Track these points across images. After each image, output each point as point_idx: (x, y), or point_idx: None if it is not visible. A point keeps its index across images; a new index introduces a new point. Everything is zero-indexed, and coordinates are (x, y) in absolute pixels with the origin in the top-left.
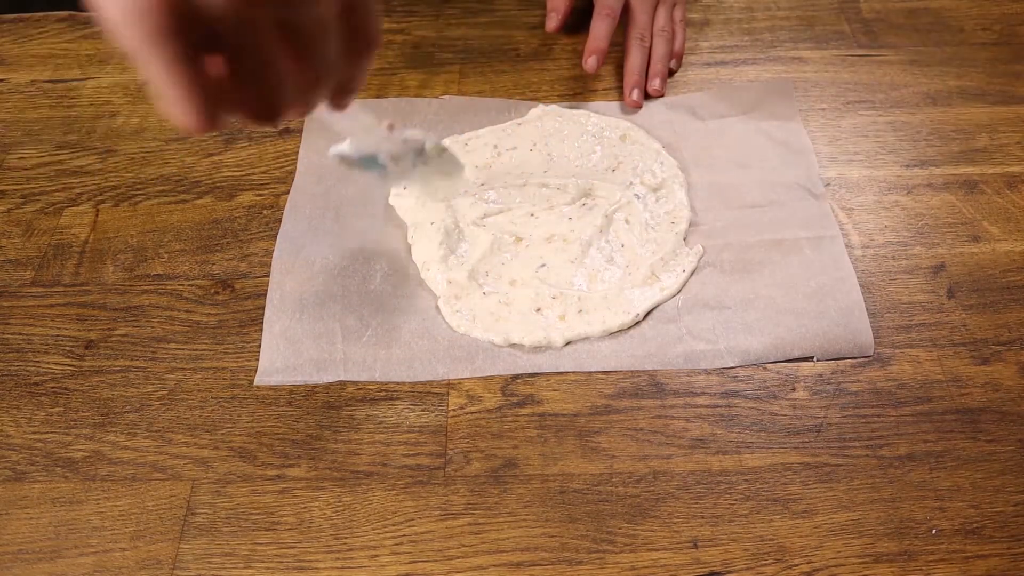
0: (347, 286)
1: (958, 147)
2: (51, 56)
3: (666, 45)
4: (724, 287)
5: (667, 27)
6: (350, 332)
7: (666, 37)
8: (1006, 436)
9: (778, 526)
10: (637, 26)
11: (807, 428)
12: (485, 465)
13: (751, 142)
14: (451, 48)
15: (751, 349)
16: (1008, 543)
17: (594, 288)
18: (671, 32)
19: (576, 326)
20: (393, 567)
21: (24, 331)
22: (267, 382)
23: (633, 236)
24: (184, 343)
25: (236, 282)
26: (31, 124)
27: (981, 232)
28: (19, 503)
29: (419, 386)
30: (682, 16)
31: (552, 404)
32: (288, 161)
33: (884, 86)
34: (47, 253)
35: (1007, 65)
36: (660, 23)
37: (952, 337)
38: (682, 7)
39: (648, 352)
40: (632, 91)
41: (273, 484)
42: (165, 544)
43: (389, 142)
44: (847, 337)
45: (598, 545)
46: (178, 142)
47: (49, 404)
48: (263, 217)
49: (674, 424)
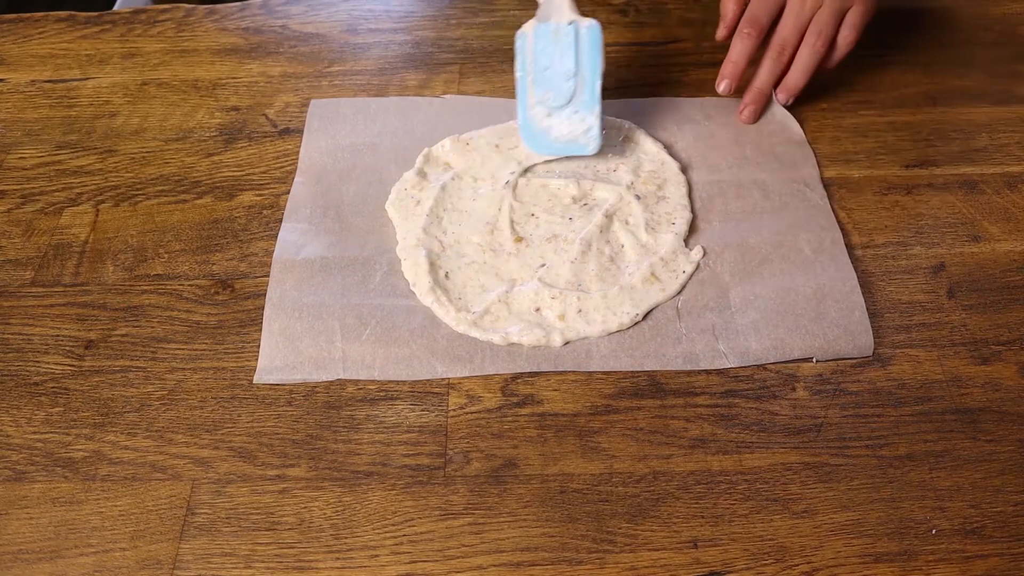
0: (346, 285)
1: (958, 147)
2: (51, 56)
3: (812, 56)
4: (724, 287)
5: (826, 31)
6: (349, 331)
7: (815, 46)
8: (1006, 436)
9: (778, 526)
10: (779, 35)
11: (807, 428)
12: (485, 465)
13: (751, 142)
14: (451, 48)
15: (751, 349)
16: (1008, 543)
17: (594, 288)
18: (828, 37)
19: (575, 326)
20: (393, 567)
21: (24, 331)
22: (266, 380)
23: (633, 236)
24: (184, 343)
25: (236, 282)
26: (31, 124)
27: (981, 232)
28: (19, 503)
29: (419, 386)
30: (857, 21)
31: (552, 404)
32: (288, 161)
33: (884, 86)
34: (47, 253)
35: (1007, 65)
36: (819, 25)
37: (952, 337)
38: (861, 9)
39: (648, 352)
40: (742, 106)
41: (273, 484)
42: (165, 544)
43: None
44: (847, 338)
45: (598, 545)
46: (178, 142)
47: (49, 404)
48: (263, 217)
49: (674, 424)
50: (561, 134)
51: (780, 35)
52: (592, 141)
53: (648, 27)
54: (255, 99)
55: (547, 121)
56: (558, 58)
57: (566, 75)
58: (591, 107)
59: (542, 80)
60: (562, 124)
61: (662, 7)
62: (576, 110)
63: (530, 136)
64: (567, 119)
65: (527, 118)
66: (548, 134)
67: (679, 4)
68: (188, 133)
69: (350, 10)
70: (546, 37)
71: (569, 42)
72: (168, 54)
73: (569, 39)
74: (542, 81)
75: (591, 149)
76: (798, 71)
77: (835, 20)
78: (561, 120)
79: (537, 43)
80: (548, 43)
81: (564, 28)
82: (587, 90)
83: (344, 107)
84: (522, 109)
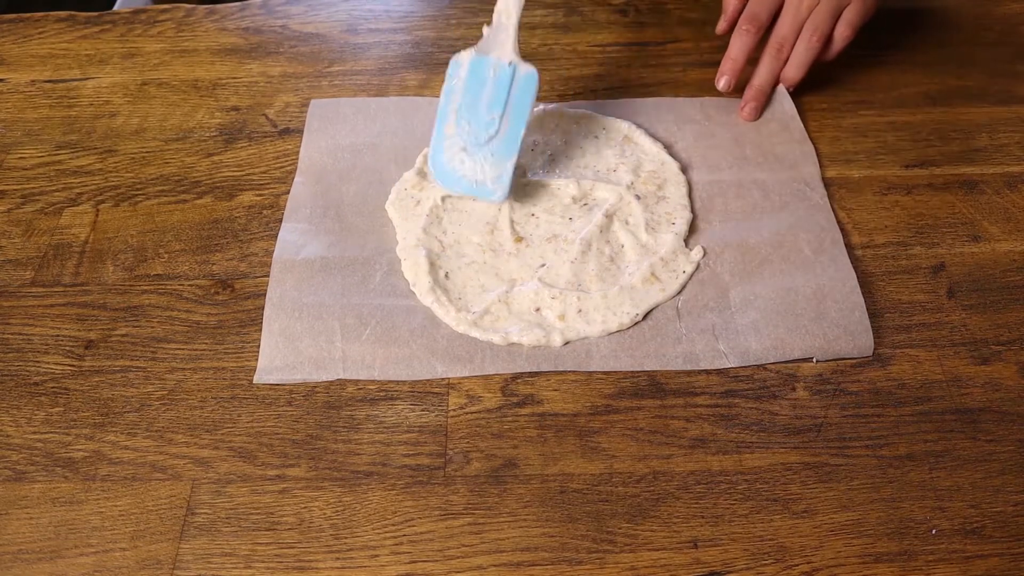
0: (346, 285)
1: (958, 147)
2: (51, 56)
3: (808, 51)
4: (724, 287)
5: (822, 27)
6: (349, 331)
7: (811, 42)
8: (1006, 436)
9: (778, 526)
10: (777, 33)
11: (807, 428)
12: (485, 465)
13: (751, 142)
14: (451, 48)
15: (751, 349)
16: (1008, 543)
17: (594, 288)
18: (824, 33)
19: (576, 326)
20: (393, 567)
21: (24, 331)
22: (266, 380)
23: (633, 236)
24: (184, 343)
25: (236, 282)
26: (31, 124)
27: (981, 232)
28: (19, 503)
29: (419, 386)
30: (853, 19)
31: (552, 404)
32: (288, 161)
33: (884, 86)
34: (47, 253)
35: (1007, 65)
36: (815, 21)
37: (952, 337)
38: (859, 7)
39: (648, 352)
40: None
41: (273, 484)
42: (165, 544)
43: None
44: (847, 338)
45: (598, 545)
46: (178, 142)
47: (49, 404)
48: (263, 217)
49: (674, 424)
50: (470, 172)
51: (778, 33)
52: (500, 189)
53: (648, 27)
54: (255, 99)
55: (459, 156)
56: (487, 96)
57: (491, 115)
58: (508, 154)
59: (465, 113)
60: (475, 163)
61: (662, 7)
62: (492, 153)
63: (438, 167)
64: (481, 159)
65: (440, 148)
66: (457, 170)
67: (679, 4)
68: (188, 133)
69: (350, 10)
70: (481, 71)
71: (505, 83)
72: (168, 54)
73: (505, 80)
74: (465, 114)
75: (497, 197)
76: (793, 66)
77: (831, 17)
78: (475, 159)
79: (471, 75)
80: (482, 78)
81: (503, 67)
82: (508, 136)
83: (344, 107)
84: (437, 138)
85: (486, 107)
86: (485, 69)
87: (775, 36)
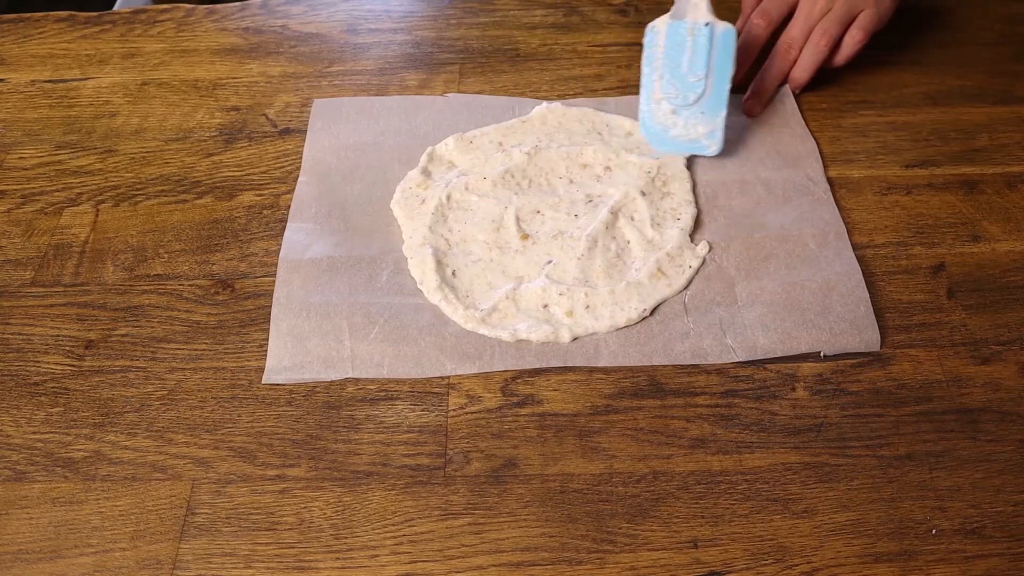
0: (353, 284)
1: (958, 147)
2: (51, 56)
3: (815, 54)
4: (730, 282)
5: (831, 31)
6: (357, 329)
7: (819, 45)
8: (1006, 436)
9: (778, 526)
10: (787, 34)
11: (807, 428)
12: (485, 465)
13: (755, 139)
14: (451, 48)
15: (758, 344)
16: (1008, 543)
17: (601, 284)
18: (833, 37)
19: (584, 322)
20: (393, 567)
21: (24, 331)
22: (275, 380)
23: (639, 232)
24: (184, 343)
25: (236, 282)
26: (31, 124)
27: (981, 232)
28: (19, 503)
29: (419, 386)
30: (867, 24)
31: (552, 404)
32: (288, 161)
33: (884, 86)
34: (47, 253)
35: (1007, 65)
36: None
37: (952, 337)
38: (872, 13)
39: (655, 347)
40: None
41: (273, 484)
42: (165, 544)
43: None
44: (853, 331)
45: (598, 545)
46: (178, 142)
47: (49, 404)
48: (263, 217)
49: (674, 424)
50: (683, 132)
51: (788, 34)
52: (715, 143)
53: None
54: (255, 99)
55: (671, 118)
56: (690, 57)
57: (697, 75)
58: (718, 110)
59: (671, 77)
60: (686, 123)
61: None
62: (703, 111)
63: (650, 131)
64: (692, 119)
65: (649, 112)
66: (669, 131)
67: None
68: (188, 133)
69: (350, 10)
70: (679, 35)
71: (704, 43)
72: (168, 54)
73: (704, 40)
74: (671, 78)
75: (712, 151)
76: (800, 68)
77: (842, 23)
78: (685, 119)
79: (669, 40)
80: (681, 41)
81: (700, 28)
82: (715, 93)
83: (347, 106)
84: (646, 103)
85: (690, 68)
86: (683, 32)
87: (785, 36)
